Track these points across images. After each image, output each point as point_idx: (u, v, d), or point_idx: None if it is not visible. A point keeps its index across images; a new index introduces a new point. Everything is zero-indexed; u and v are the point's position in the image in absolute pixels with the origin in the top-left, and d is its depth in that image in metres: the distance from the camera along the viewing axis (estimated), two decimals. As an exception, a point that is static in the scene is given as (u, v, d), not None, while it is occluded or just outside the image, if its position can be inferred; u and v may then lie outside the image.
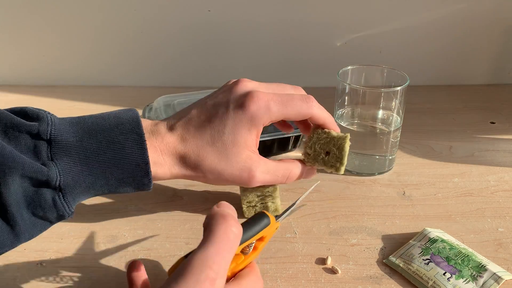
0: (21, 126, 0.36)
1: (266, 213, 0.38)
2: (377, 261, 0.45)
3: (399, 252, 0.45)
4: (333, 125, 0.46)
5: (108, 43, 0.82)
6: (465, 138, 0.67)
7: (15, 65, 0.85)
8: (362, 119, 0.59)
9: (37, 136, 0.36)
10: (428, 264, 0.43)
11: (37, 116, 0.37)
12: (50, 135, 0.36)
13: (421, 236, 0.47)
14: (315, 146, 0.46)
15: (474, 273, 0.42)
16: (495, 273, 0.42)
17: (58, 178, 0.35)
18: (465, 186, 0.56)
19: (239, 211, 0.43)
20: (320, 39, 0.80)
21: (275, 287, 0.42)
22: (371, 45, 0.81)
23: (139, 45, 0.82)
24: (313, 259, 0.45)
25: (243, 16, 0.79)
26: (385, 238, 0.48)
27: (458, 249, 0.44)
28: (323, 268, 0.44)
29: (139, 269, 0.39)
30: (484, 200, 0.54)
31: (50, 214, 0.36)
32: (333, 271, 0.44)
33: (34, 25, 0.81)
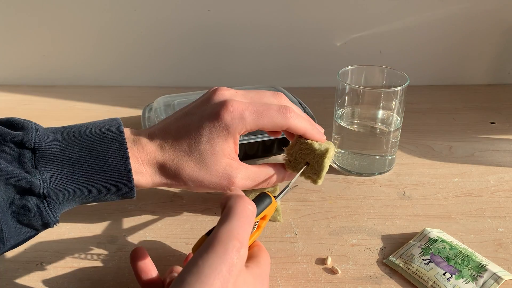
0: (6, 135, 0.36)
1: (268, 193, 0.39)
2: (377, 261, 0.45)
3: (399, 252, 0.45)
4: (315, 136, 0.45)
5: (108, 43, 0.82)
6: (465, 138, 0.67)
7: (15, 65, 0.85)
8: (362, 119, 0.59)
9: (21, 145, 0.36)
10: (428, 264, 0.43)
11: (22, 126, 0.38)
12: (34, 144, 0.37)
13: (421, 236, 0.47)
14: (296, 154, 0.46)
15: (474, 273, 0.42)
16: (495, 273, 0.42)
17: (42, 186, 0.36)
18: (465, 186, 0.56)
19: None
20: (320, 39, 0.80)
21: (275, 287, 0.42)
22: (371, 45, 0.81)
23: (139, 46, 0.82)
24: (313, 259, 0.45)
25: (243, 17, 0.79)
26: (385, 238, 0.48)
27: (458, 249, 0.44)
28: (323, 268, 0.44)
29: (145, 256, 0.39)
30: (484, 200, 0.54)
31: (35, 222, 0.36)
32: (333, 271, 0.44)
33: (34, 25, 0.81)
